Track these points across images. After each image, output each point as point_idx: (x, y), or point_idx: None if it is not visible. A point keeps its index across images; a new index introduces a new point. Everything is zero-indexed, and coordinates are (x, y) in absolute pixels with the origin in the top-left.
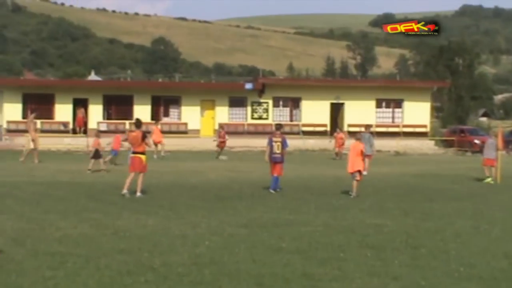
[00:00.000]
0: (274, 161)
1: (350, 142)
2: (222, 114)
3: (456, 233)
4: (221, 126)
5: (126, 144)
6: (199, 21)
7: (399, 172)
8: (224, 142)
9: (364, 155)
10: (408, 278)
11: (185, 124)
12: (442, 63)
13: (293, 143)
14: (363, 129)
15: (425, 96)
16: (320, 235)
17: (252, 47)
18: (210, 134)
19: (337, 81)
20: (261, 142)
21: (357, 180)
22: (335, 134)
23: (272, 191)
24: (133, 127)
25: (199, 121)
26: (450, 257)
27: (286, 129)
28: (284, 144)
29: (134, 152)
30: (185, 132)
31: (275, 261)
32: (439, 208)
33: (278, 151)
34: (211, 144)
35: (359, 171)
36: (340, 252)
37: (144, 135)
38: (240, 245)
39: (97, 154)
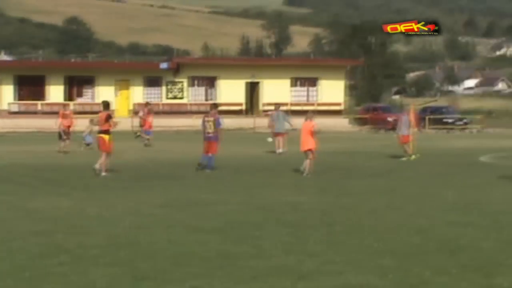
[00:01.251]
0: (208, 140)
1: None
2: (137, 94)
3: (371, 209)
4: (147, 103)
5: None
6: (113, 0)
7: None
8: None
9: (277, 133)
10: (323, 254)
11: (100, 104)
12: (355, 42)
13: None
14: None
15: (340, 74)
16: (236, 214)
17: (167, 27)
18: (125, 115)
19: (252, 60)
20: (176, 122)
21: (310, 159)
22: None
23: (208, 171)
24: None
25: (114, 102)
26: (364, 233)
27: (202, 108)
28: (217, 123)
29: (99, 132)
30: (99, 112)
31: (191, 240)
32: (354, 185)
33: (210, 130)
34: (126, 124)
35: (311, 150)
36: (256, 231)
37: (109, 116)
38: (157, 225)
39: (62, 134)
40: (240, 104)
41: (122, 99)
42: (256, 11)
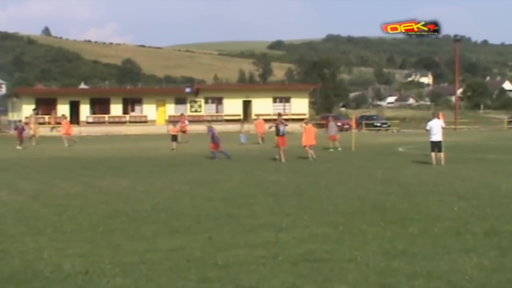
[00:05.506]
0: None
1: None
2: (170, 109)
3: (326, 184)
4: (182, 114)
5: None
6: (154, 47)
7: (293, 145)
8: (184, 126)
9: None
10: (295, 214)
11: (146, 116)
12: (315, 72)
13: (218, 128)
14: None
15: (305, 94)
16: (237, 188)
17: (190, 64)
18: (163, 123)
19: (246, 86)
20: (195, 128)
21: (313, 150)
22: (255, 121)
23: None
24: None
25: (155, 114)
26: (322, 200)
27: (214, 118)
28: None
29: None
30: (145, 122)
31: (208, 206)
32: (314, 168)
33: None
34: (164, 130)
35: (313, 145)
36: (251, 199)
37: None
38: (184, 196)
39: (174, 138)
40: (239, 115)
41: (160, 113)
42: (249, 53)
